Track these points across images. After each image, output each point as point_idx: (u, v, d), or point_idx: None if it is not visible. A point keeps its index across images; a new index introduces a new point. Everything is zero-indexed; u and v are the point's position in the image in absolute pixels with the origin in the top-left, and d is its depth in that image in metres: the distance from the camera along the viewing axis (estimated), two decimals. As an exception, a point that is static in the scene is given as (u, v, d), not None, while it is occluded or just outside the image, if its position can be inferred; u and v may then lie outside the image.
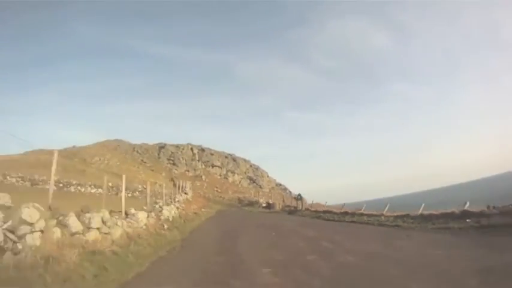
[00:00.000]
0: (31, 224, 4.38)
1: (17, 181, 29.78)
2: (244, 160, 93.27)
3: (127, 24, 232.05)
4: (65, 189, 28.34)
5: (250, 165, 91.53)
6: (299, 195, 31.22)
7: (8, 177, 30.24)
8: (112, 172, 46.62)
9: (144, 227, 9.55)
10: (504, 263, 5.32)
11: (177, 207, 17.72)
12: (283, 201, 36.24)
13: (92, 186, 28.96)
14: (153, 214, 11.55)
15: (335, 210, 22.97)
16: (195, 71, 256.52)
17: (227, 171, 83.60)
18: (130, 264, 5.77)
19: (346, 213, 20.13)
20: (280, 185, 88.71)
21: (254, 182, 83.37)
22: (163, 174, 66.19)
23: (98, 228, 6.39)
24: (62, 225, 5.30)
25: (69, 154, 67.75)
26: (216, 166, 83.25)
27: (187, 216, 18.10)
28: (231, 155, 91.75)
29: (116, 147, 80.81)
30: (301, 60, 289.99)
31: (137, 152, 78.87)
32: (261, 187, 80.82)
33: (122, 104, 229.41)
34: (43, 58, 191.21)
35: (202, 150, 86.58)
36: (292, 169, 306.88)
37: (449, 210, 11.65)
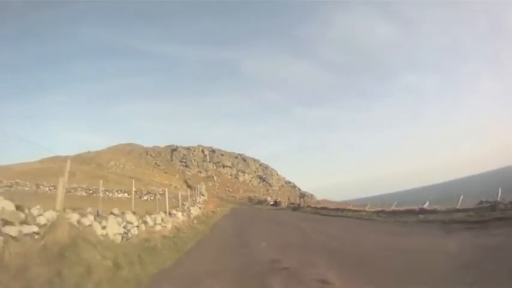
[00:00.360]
0: (131, 223, 7.03)
1: (50, 190, 32.80)
2: (254, 160, 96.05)
3: (133, 25, 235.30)
4: (95, 195, 31.12)
5: (260, 165, 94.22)
6: (302, 194, 33.73)
7: (41, 186, 33.24)
8: (129, 176, 49.75)
9: (182, 222, 12.19)
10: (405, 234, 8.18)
11: (199, 207, 20.41)
12: (289, 199, 38.74)
13: (119, 192, 31.79)
14: (185, 213, 14.18)
15: (330, 207, 25.75)
16: (203, 70, 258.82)
17: (237, 171, 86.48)
18: (185, 243, 8.52)
19: (337, 209, 22.86)
20: (289, 182, 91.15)
21: (264, 180, 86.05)
22: (177, 176, 69.32)
23: (159, 223, 9.05)
24: (143, 222, 7.94)
25: (85, 160, 71.32)
26: (226, 166, 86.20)
27: (207, 214, 20.78)
28: (240, 155, 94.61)
29: (130, 151, 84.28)
30: (309, 56, 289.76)
31: (150, 155, 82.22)
32: (270, 185, 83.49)
33: (129, 104, 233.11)
34: (47, 59, 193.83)
35: (213, 151, 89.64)
36: (302, 165, 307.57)
37: (411, 207, 14.26)
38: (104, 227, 5.85)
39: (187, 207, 16.24)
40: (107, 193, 30.37)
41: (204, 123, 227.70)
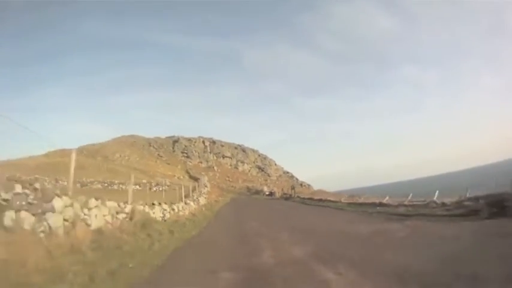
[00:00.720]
0: (166, 210, 10.78)
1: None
2: (253, 150, 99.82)
3: (134, 16, 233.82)
4: (109, 187, 34.71)
5: (259, 155, 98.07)
6: (293, 186, 37.75)
7: (59, 181, 36.83)
8: (135, 168, 53.42)
9: (194, 209, 15.92)
10: (355, 220, 11.84)
11: (205, 198, 24.19)
12: (282, 189, 42.66)
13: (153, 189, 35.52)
14: (195, 203, 17.90)
15: (315, 197, 29.85)
16: (203, 60, 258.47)
17: (237, 161, 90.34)
18: (200, 222, 12.36)
19: (320, 199, 27.00)
20: (287, 172, 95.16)
21: (262, 170, 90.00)
22: (179, 166, 73.13)
23: (181, 210, 12.78)
24: (172, 209, 11.62)
25: (91, 152, 74.82)
26: (226, 157, 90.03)
27: (212, 203, 24.62)
28: (240, 146, 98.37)
29: (133, 143, 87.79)
30: (309, 46, 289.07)
31: (153, 147, 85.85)
32: (269, 175, 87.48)
33: (130, 95, 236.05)
34: (48, 53, 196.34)
35: (213, 142, 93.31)
36: (302, 155, 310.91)
37: (374, 200, 18.06)
38: (153, 212, 9.46)
39: (196, 198, 19.97)
40: (121, 185, 33.93)
41: (205, 114, 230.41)
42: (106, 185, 35.07)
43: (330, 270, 4.34)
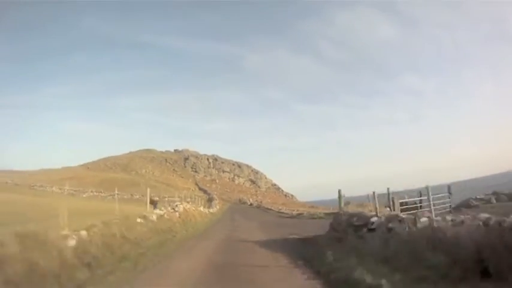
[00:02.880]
0: (200, 209, 32.75)
1: (141, 196, 58.21)
2: (247, 166, 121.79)
3: (135, 18, 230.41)
4: (157, 198, 56.50)
5: (252, 170, 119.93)
6: (260, 200, 59.45)
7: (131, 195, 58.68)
8: (162, 182, 75.42)
9: (213, 211, 37.83)
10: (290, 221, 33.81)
11: (215, 205, 46.20)
12: (257, 201, 64.58)
13: (175, 198, 57.09)
14: (211, 209, 39.85)
15: (273, 207, 51.19)
16: (203, 64, 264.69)
17: (234, 175, 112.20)
18: (217, 217, 34.04)
19: (271, 208, 48.46)
20: (275, 185, 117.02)
21: (254, 183, 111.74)
22: (190, 180, 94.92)
23: (207, 211, 34.71)
24: (204, 209, 33.64)
25: (121, 166, 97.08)
26: (225, 171, 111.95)
27: (219, 209, 46.53)
28: (237, 163, 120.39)
29: (152, 158, 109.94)
30: (310, 52, 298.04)
31: (169, 163, 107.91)
32: (259, 187, 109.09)
33: (130, 96, 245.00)
34: (50, 51, 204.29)
35: (215, 159, 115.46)
36: (299, 162, 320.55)
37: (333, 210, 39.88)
38: (194, 209, 31.39)
39: (213, 205, 42.02)
40: (168, 197, 55.43)
41: (204, 116, 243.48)
42: (157, 199, 56.83)
43: (256, 226, 26.32)
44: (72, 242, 6.10)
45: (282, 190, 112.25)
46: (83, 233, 6.77)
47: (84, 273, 5.56)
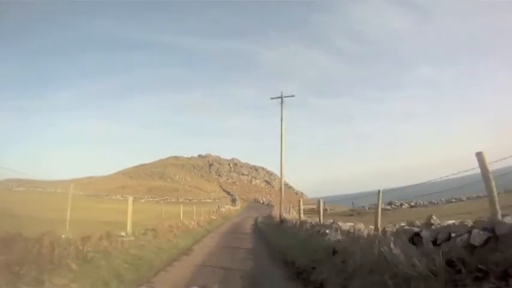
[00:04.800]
0: (229, 206, 51.75)
1: (189, 200, 78.08)
2: (263, 168, 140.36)
3: (147, 17, 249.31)
4: (196, 200, 76.04)
5: (267, 172, 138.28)
6: (269, 200, 77.71)
7: (191, 199, 78.63)
8: (196, 187, 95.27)
9: (237, 208, 56.68)
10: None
11: (238, 204, 65.16)
12: (267, 199, 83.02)
13: (207, 200, 76.51)
14: (236, 207, 58.65)
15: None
16: (219, 61, 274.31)
17: (251, 177, 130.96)
18: (240, 211, 52.91)
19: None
20: (287, 184, 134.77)
21: (269, 183, 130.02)
22: (215, 183, 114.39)
23: (233, 208, 53.55)
24: (230, 207, 52.60)
25: (154, 174, 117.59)
26: (244, 174, 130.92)
27: (240, 207, 65.50)
28: (254, 166, 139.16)
29: (182, 165, 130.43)
30: (325, 47, 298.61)
31: (196, 169, 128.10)
32: (273, 187, 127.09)
33: (146, 96, 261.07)
34: (62, 52, 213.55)
35: (235, 164, 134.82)
36: (314, 157, 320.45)
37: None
38: (224, 207, 50.12)
39: (236, 204, 61.07)
40: (202, 200, 74.85)
41: (219, 114, 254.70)
42: (195, 201, 76.31)
43: (258, 213, 45.01)
44: (212, 217, 25.21)
45: (293, 189, 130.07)
46: (210, 216, 25.89)
47: (212, 224, 24.37)
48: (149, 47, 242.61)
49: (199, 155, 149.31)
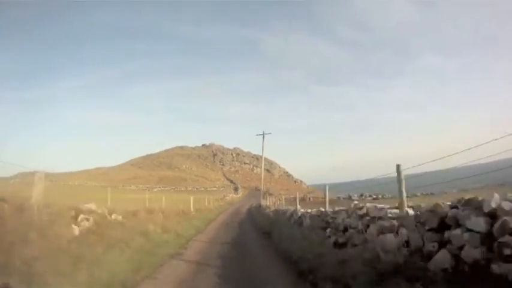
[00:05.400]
0: (232, 195, 60.46)
1: (198, 188, 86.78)
2: (264, 157, 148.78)
3: (150, 5, 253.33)
4: (203, 189, 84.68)
5: (267, 161, 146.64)
6: (268, 188, 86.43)
7: (199, 188, 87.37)
8: (202, 176, 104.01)
9: (239, 195, 65.35)
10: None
11: (240, 192, 73.87)
12: (266, 187, 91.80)
13: (212, 188, 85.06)
14: (238, 195, 67.31)
15: (277, 193, 78.05)
16: (222, 49, 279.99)
17: (253, 166, 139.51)
18: (242, 198, 61.64)
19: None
20: (286, 172, 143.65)
21: (269, 171, 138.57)
22: (219, 172, 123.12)
23: (235, 196, 62.16)
24: (233, 195, 61.21)
25: (163, 164, 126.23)
26: (246, 163, 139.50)
27: (242, 194, 74.24)
28: (255, 155, 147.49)
29: (188, 155, 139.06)
30: (327, 34, 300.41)
31: (201, 158, 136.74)
32: (273, 175, 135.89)
33: (150, 84, 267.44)
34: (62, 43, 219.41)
35: (238, 154, 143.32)
36: (317, 145, 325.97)
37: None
38: (229, 196, 58.65)
39: (238, 192, 69.78)
40: (208, 188, 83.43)
41: (224, 101, 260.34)
42: (202, 189, 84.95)
43: (254, 200, 53.60)
44: (220, 203, 33.86)
45: (293, 177, 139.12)
46: (219, 202, 34.51)
47: (222, 208, 32.82)
48: (149, 36, 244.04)
49: (203, 145, 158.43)
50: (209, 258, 7.61)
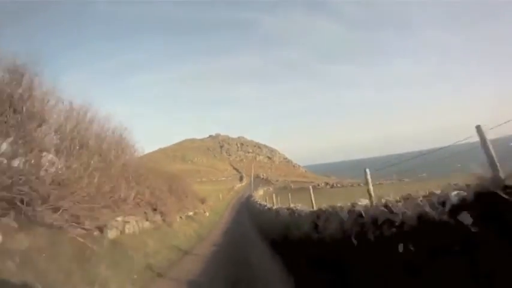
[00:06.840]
0: (240, 184, 78.08)
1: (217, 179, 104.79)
2: (265, 145, 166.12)
3: None
4: (214, 179, 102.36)
5: (268, 149, 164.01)
6: (267, 176, 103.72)
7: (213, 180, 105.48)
8: (212, 167, 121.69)
9: (244, 184, 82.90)
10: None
11: (244, 181, 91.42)
12: (265, 174, 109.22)
13: (221, 178, 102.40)
14: (244, 182, 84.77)
15: (274, 179, 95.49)
16: (222, 31, 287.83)
17: (256, 154, 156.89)
18: (246, 187, 79.26)
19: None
20: (286, 158, 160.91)
21: (270, 158, 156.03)
22: (226, 162, 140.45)
23: (242, 184, 79.63)
24: (239, 184, 78.64)
25: (179, 157, 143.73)
26: (249, 152, 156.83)
27: (246, 182, 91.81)
28: (257, 144, 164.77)
29: (198, 148, 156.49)
30: (328, 11, 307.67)
31: (210, 150, 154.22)
32: (274, 162, 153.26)
33: (149, 73, 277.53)
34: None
35: (242, 144, 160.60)
36: (317, 125, 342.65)
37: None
38: (236, 186, 76.08)
39: (243, 181, 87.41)
40: (218, 178, 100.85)
41: (225, 83, 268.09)
42: (214, 180, 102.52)
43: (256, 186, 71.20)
44: (230, 192, 51.60)
45: (291, 162, 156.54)
46: (230, 192, 52.19)
47: (232, 195, 50.44)
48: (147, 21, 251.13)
49: (209, 136, 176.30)
50: (230, 214, 25.38)
